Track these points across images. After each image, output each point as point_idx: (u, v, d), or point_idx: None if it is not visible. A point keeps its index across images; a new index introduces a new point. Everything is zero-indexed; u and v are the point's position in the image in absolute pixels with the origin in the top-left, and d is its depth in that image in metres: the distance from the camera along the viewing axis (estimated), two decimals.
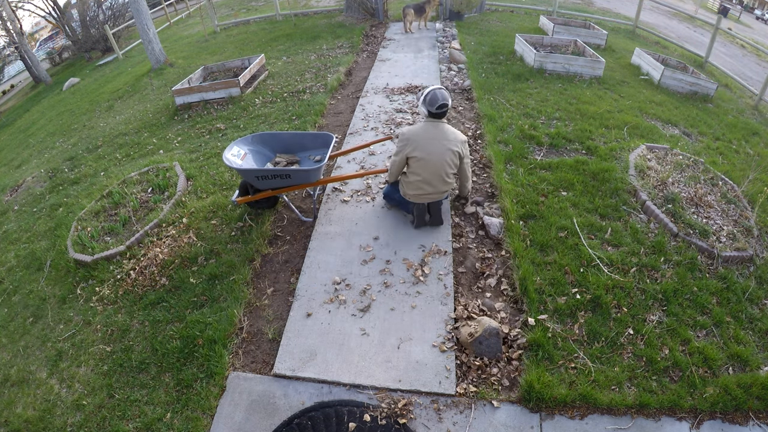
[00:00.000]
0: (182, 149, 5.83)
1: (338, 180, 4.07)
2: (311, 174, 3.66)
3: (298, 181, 3.73)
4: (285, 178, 3.68)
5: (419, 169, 3.53)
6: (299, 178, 3.70)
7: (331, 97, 6.79)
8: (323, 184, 4.28)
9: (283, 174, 3.64)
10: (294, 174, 3.66)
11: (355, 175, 4.05)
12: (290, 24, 12.12)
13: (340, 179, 4.02)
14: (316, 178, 3.74)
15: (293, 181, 3.72)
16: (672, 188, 4.14)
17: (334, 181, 4.06)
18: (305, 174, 3.66)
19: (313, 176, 3.70)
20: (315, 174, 3.68)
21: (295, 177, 3.68)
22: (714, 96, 7.40)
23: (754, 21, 27.09)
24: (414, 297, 3.21)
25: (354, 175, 4.05)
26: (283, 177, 3.67)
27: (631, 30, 11.70)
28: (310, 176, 3.69)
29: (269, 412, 2.59)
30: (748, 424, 2.50)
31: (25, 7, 18.29)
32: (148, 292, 3.52)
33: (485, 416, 2.52)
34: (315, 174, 3.68)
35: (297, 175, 3.67)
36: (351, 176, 4.04)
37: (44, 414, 2.81)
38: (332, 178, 4.00)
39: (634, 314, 3.04)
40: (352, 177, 4.06)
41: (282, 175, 3.65)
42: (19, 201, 5.81)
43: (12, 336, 3.54)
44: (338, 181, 4.18)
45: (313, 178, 3.73)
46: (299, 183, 3.76)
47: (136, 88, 9.61)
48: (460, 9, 11.05)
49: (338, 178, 3.99)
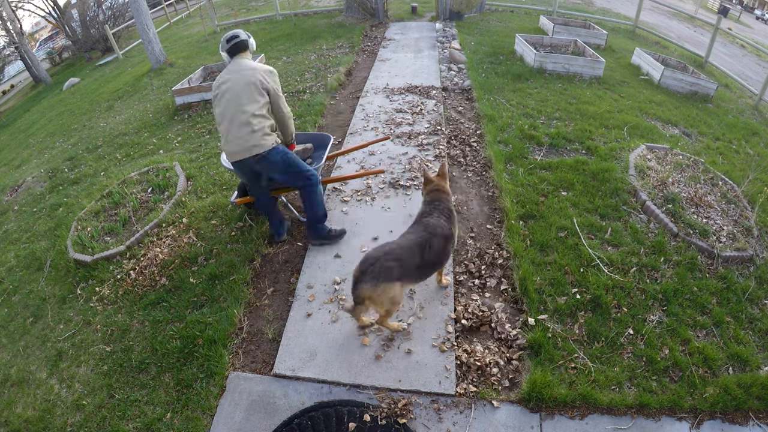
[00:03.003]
0: (182, 149, 5.83)
1: (336, 180, 4.06)
2: None
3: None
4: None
5: (219, 114, 3.15)
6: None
7: (331, 97, 6.80)
8: (322, 185, 4.27)
9: None
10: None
11: (353, 175, 4.05)
12: (290, 24, 12.12)
13: (338, 180, 4.01)
14: None
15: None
16: (672, 188, 4.14)
17: (333, 181, 4.06)
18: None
19: None
20: None
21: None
22: (714, 96, 7.40)
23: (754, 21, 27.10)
24: (414, 297, 3.21)
25: (352, 175, 4.05)
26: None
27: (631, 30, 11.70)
28: None
29: (269, 412, 2.59)
30: (748, 424, 2.50)
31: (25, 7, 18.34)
32: (148, 292, 3.52)
33: (485, 416, 2.52)
34: None
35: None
36: (349, 177, 4.04)
37: (44, 414, 2.81)
38: (330, 178, 3.99)
39: (634, 314, 3.04)
40: (350, 177, 4.06)
41: None
42: (19, 201, 5.81)
43: (12, 336, 3.54)
44: (336, 181, 4.18)
45: None
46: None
47: (136, 88, 9.61)
48: (460, 9, 11.05)
49: (336, 178, 3.99)
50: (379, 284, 2.52)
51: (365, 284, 2.53)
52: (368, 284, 2.52)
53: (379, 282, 2.52)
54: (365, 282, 2.53)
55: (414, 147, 5.06)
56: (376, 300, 2.57)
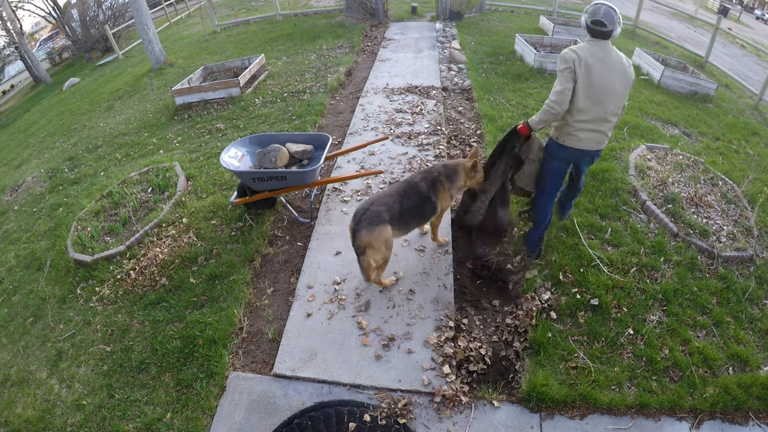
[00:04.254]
0: (182, 149, 5.83)
1: (335, 181, 4.06)
2: (307, 175, 3.66)
3: (295, 182, 3.72)
4: (281, 180, 3.67)
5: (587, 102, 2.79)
6: (295, 180, 3.70)
7: (331, 97, 6.79)
8: (321, 185, 4.27)
9: (279, 176, 3.64)
10: (290, 176, 3.65)
11: (352, 176, 4.04)
12: (290, 24, 12.12)
13: (336, 180, 4.01)
14: (312, 179, 3.73)
15: (289, 182, 3.71)
16: (672, 188, 4.14)
17: (331, 182, 4.05)
18: (301, 176, 3.65)
19: (309, 177, 3.69)
20: (311, 175, 3.68)
21: (291, 178, 3.68)
22: (714, 96, 7.39)
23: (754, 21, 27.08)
24: (414, 297, 3.21)
25: (351, 176, 4.04)
26: (279, 179, 3.66)
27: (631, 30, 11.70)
28: (306, 177, 3.68)
29: (269, 412, 2.59)
30: (748, 424, 2.50)
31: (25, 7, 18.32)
32: (148, 292, 3.52)
33: (485, 416, 2.52)
34: (311, 175, 3.68)
35: (293, 177, 3.66)
36: (348, 177, 4.04)
37: (44, 414, 2.81)
38: (329, 179, 3.99)
39: (634, 314, 3.04)
40: (349, 178, 4.06)
41: (278, 176, 3.64)
42: (19, 201, 5.81)
43: (12, 336, 3.54)
44: (335, 182, 4.18)
45: (309, 180, 3.72)
46: (295, 184, 3.76)
47: (136, 88, 9.61)
48: (460, 9, 11.05)
49: (335, 179, 3.98)
50: (374, 228, 2.82)
51: (362, 231, 2.82)
52: (365, 230, 2.82)
53: (373, 226, 2.83)
54: (362, 229, 2.83)
55: (414, 147, 5.06)
56: (375, 244, 2.85)
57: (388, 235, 2.89)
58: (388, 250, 2.96)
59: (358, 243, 2.86)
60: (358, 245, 2.87)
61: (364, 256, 2.91)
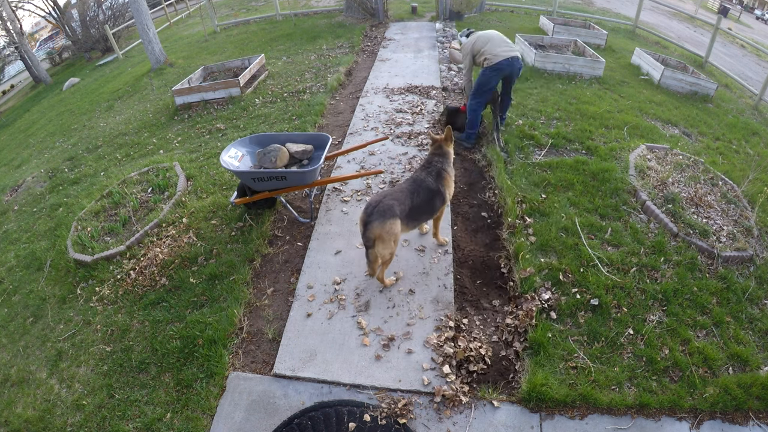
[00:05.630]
0: (182, 149, 5.83)
1: (335, 181, 4.05)
2: (307, 175, 3.66)
3: (294, 182, 3.72)
4: (281, 180, 3.68)
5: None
6: (295, 180, 3.70)
7: (331, 97, 6.79)
8: (321, 185, 4.27)
9: (278, 176, 3.64)
10: (290, 176, 3.65)
11: (352, 176, 4.04)
12: (290, 24, 12.12)
13: (336, 180, 4.00)
14: (312, 179, 3.73)
15: (289, 182, 3.71)
16: (672, 188, 4.14)
17: (331, 182, 4.05)
18: (301, 176, 3.65)
19: (309, 177, 3.69)
20: (310, 175, 3.68)
21: (291, 178, 3.68)
22: (714, 96, 7.39)
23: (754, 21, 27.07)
24: (414, 297, 3.21)
25: (351, 176, 4.04)
26: (279, 179, 3.66)
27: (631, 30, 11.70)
28: (306, 178, 3.68)
29: (269, 412, 2.59)
30: (748, 424, 2.50)
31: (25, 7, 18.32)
32: (148, 292, 3.52)
33: (485, 416, 2.52)
34: (310, 175, 3.68)
35: (293, 177, 3.67)
36: (348, 177, 4.03)
37: (44, 414, 2.81)
38: (329, 179, 3.98)
39: (634, 314, 3.04)
40: (349, 178, 4.06)
41: (278, 176, 3.64)
42: (19, 201, 5.81)
43: (12, 336, 3.54)
44: (335, 182, 4.17)
45: (309, 180, 3.72)
46: (295, 184, 3.76)
47: (136, 88, 9.61)
48: (460, 9, 11.05)
49: (335, 179, 3.98)
50: (386, 221, 2.86)
51: (374, 223, 2.85)
52: (377, 222, 2.85)
53: (386, 218, 2.86)
54: (374, 221, 2.86)
55: (414, 147, 5.06)
56: (385, 237, 2.87)
57: (397, 230, 2.93)
58: (396, 244, 2.99)
59: (368, 235, 2.88)
60: (368, 237, 2.89)
61: (372, 249, 2.94)
